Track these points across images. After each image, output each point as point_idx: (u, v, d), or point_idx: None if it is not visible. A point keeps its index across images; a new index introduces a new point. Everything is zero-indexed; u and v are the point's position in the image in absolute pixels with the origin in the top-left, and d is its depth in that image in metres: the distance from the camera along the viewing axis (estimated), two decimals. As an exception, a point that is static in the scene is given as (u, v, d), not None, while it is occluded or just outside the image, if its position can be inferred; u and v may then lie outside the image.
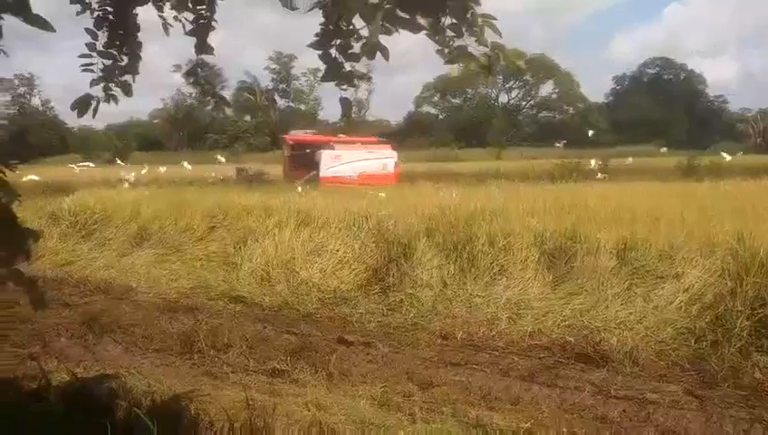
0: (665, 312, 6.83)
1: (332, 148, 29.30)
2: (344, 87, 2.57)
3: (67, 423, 2.99)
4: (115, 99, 3.00)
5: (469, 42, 2.27)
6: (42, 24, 2.07)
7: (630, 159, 31.83)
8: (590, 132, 44.22)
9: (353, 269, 9.36)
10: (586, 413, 5.09)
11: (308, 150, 29.79)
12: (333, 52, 2.51)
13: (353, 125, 70.77)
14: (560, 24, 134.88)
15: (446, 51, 2.31)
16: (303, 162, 29.13)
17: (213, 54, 3.26)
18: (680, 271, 7.39)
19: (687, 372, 5.83)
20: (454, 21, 2.25)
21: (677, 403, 5.23)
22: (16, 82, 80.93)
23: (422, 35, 2.30)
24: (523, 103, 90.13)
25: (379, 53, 2.35)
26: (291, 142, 32.18)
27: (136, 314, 8.04)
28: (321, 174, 27.40)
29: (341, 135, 35.19)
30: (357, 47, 2.49)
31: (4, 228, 2.67)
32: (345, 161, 28.45)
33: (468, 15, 2.22)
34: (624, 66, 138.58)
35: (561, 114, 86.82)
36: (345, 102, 2.70)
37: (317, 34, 2.52)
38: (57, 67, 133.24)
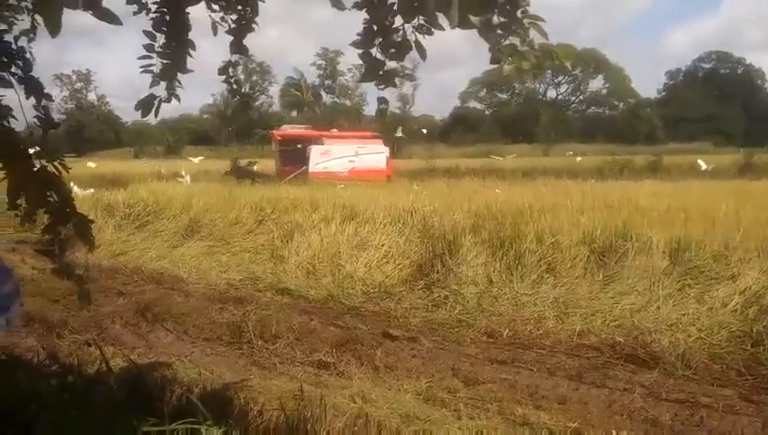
0: (719, 314, 6.64)
1: (322, 143, 28.85)
2: (382, 87, 2.57)
3: (127, 407, 3.08)
4: (177, 97, 3.07)
5: (516, 41, 2.24)
6: (111, 17, 2.13)
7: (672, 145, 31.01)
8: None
9: (398, 264, 9.39)
10: (636, 415, 4.99)
11: (299, 146, 29.13)
12: (375, 51, 2.50)
13: (403, 121, 70.67)
14: (613, 16, 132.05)
15: (497, 49, 2.29)
16: (294, 158, 28.51)
17: (248, 55, 3.31)
18: (736, 272, 7.20)
19: (743, 377, 5.64)
20: (503, 20, 2.22)
21: (732, 408, 5.07)
22: (74, 77, 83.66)
23: (467, 31, 2.28)
24: (572, 98, 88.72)
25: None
26: (279, 138, 31.28)
27: (187, 304, 8.21)
28: (311, 170, 27.04)
29: (334, 130, 34.90)
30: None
31: (64, 216, 2.79)
32: (335, 157, 27.97)
33: (518, 14, 2.19)
34: (678, 60, 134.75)
35: (611, 110, 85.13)
36: (382, 101, 2.71)
37: (359, 33, 2.52)
38: (111, 62, 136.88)
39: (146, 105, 3.00)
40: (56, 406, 3.34)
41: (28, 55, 2.96)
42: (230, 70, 3.41)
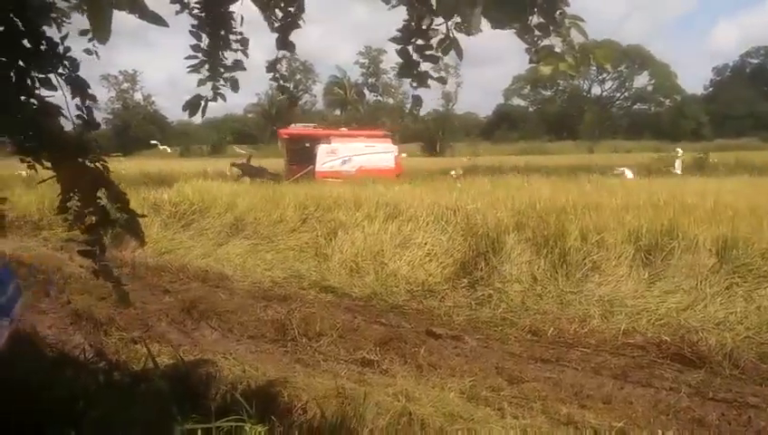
0: (768, 312, 6.47)
1: (329, 142, 28.55)
2: (415, 86, 2.60)
3: (173, 404, 3.16)
4: (223, 97, 3.13)
5: (555, 42, 2.23)
6: (156, 19, 2.18)
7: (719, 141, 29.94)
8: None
9: (441, 262, 9.36)
10: (682, 415, 4.90)
11: (307, 145, 28.86)
12: (411, 50, 2.52)
13: (449, 119, 70.41)
14: (658, 12, 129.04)
15: (534, 50, 2.29)
16: (302, 157, 28.14)
17: (294, 52, 3.34)
18: (786, 270, 6.98)
19: (793, 377, 5.49)
20: (541, 20, 2.21)
21: (782, 409, 4.95)
22: (120, 78, 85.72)
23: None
24: (617, 95, 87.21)
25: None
26: (285, 137, 30.60)
27: (231, 302, 8.33)
28: (317, 169, 26.86)
29: (343, 128, 34.63)
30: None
31: (109, 217, 2.87)
32: (342, 156, 27.72)
33: (557, 15, 2.18)
34: (725, 56, 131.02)
35: (656, 106, 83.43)
36: (416, 99, 2.75)
37: (399, 30, 2.55)
38: (157, 61, 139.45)
39: (193, 105, 3.07)
40: (103, 402, 3.43)
41: (76, 55, 3.05)
42: (277, 66, 3.45)
